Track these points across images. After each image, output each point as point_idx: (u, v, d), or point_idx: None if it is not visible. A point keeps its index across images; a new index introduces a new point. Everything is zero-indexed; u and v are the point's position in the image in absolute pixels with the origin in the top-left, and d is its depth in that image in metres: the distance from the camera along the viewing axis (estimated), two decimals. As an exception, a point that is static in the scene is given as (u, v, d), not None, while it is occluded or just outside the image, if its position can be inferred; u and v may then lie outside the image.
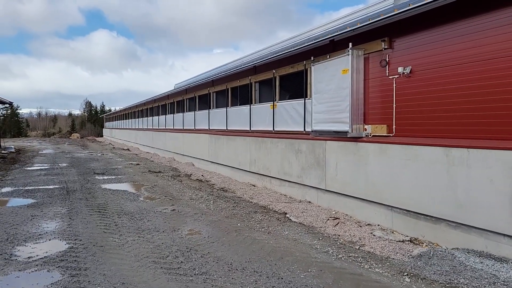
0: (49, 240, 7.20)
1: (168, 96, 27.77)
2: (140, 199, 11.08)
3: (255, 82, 14.69)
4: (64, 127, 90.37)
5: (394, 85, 8.19)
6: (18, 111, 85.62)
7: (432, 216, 7.29)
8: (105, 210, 9.62)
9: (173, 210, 9.64)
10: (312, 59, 10.68)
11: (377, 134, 8.67)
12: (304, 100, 11.32)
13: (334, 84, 9.59)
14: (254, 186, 14.08)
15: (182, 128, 23.70)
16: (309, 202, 11.02)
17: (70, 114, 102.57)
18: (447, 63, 7.09)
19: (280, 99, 13.05)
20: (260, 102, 14.56)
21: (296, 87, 13.39)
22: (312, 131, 10.63)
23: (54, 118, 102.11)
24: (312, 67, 10.59)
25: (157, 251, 6.59)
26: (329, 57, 10.17)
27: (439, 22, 7.23)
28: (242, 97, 16.28)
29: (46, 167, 19.38)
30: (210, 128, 19.00)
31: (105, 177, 15.71)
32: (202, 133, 19.95)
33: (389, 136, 8.33)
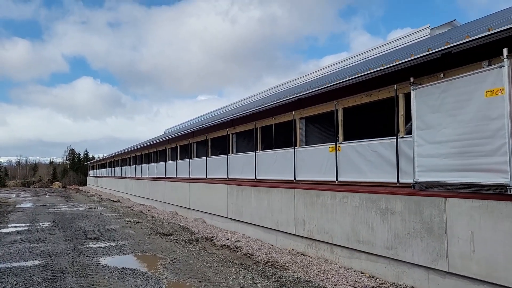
0: None
1: (168, 140, 24.37)
2: (164, 289, 7.40)
3: (301, 119, 11.46)
4: (45, 176, 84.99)
5: None
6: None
7: None
8: (118, 318, 5.93)
9: (230, 316, 5.98)
10: (411, 80, 7.56)
11: None
12: (396, 138, 8.11)
13: (467, 113, 6.42)
14: (303, 255, 10.55)
15: (188, 177, 20.15)
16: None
17: (51, 162, 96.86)
18: None
19: (345, 138, 9.81)
20: (307, 144, 11.29)
21: (372, 121, 10.25)
22: (416, 183, 7.37)
23: (35, 166, 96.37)
24: (413, 91, 7.47)
25: None
26: (444, 76, 7.10)
27: None
28: (278, 138, 13.01)
29: (23, 229, 15.43)
30: (230, 177, 15.54)
31: (102, 245, 11.92)
32: (217, 183, 16.43)
33: None
